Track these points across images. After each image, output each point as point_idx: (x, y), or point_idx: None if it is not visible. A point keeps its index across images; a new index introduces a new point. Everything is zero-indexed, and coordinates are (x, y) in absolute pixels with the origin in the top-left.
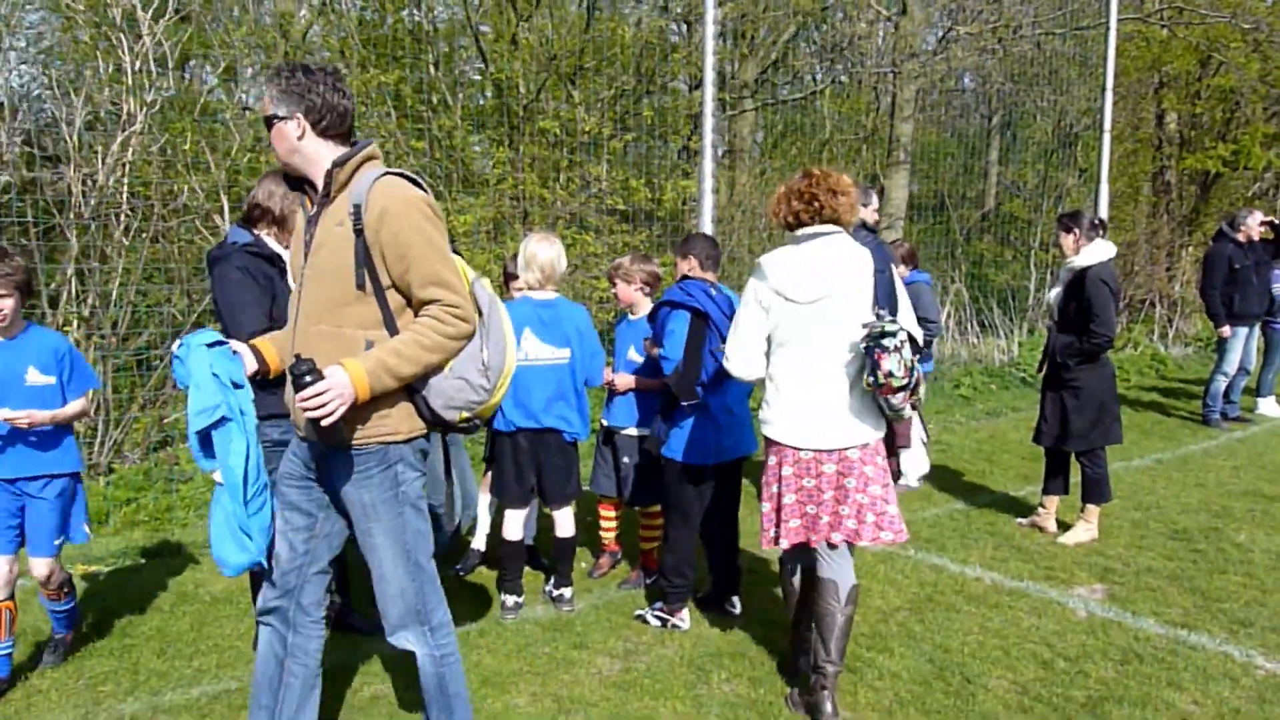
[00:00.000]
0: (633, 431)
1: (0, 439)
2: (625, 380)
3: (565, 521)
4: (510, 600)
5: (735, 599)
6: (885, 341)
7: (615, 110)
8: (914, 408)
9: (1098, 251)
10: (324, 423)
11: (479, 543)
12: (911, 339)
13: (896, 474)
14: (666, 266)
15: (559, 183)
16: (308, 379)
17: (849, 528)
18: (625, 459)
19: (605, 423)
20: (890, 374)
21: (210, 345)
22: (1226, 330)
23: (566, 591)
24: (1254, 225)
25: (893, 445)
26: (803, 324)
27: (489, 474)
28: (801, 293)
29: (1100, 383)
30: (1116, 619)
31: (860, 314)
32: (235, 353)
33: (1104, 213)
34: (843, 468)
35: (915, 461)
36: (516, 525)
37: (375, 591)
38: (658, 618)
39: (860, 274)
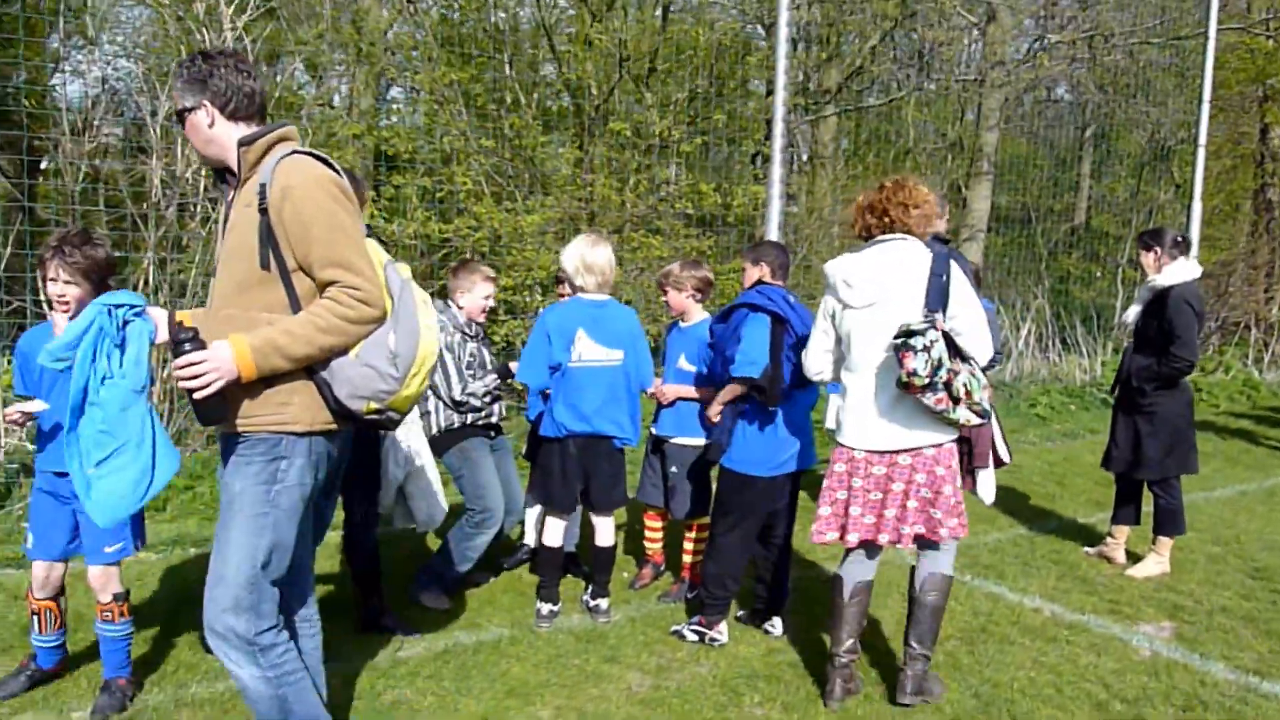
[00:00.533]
0: (681, 440)
1: (48, 430)
2: (675, 390)
3: (606, 530)
4: (545, 608)
5: (777, 620)
6: (913, 341)
7: (689, 113)
8: (981, 416)
9: (1181, 271)
10: (196, 395)
11: (530, 539)
12: (950, 341)
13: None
14: (737, 273)
15: (629, 185)
16: (187, 347)
17: (899, 531)
18: (673, 468)
19: (654, 431)
20: (914, 373)
21: (119, 306)
22: None
23: (603, 602)
24: None
25: (968, 463)
26: (859, 328)
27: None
28: (856, 297)
29: (1176, 408)
30: (1183, 660)
31: (911, 317)
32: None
33: (1196, 230)
34: (892, 472)
35: (986, 483)
36: (558, 532)
37: (206, 589)
38: (695, 632)
39: (915, 278)
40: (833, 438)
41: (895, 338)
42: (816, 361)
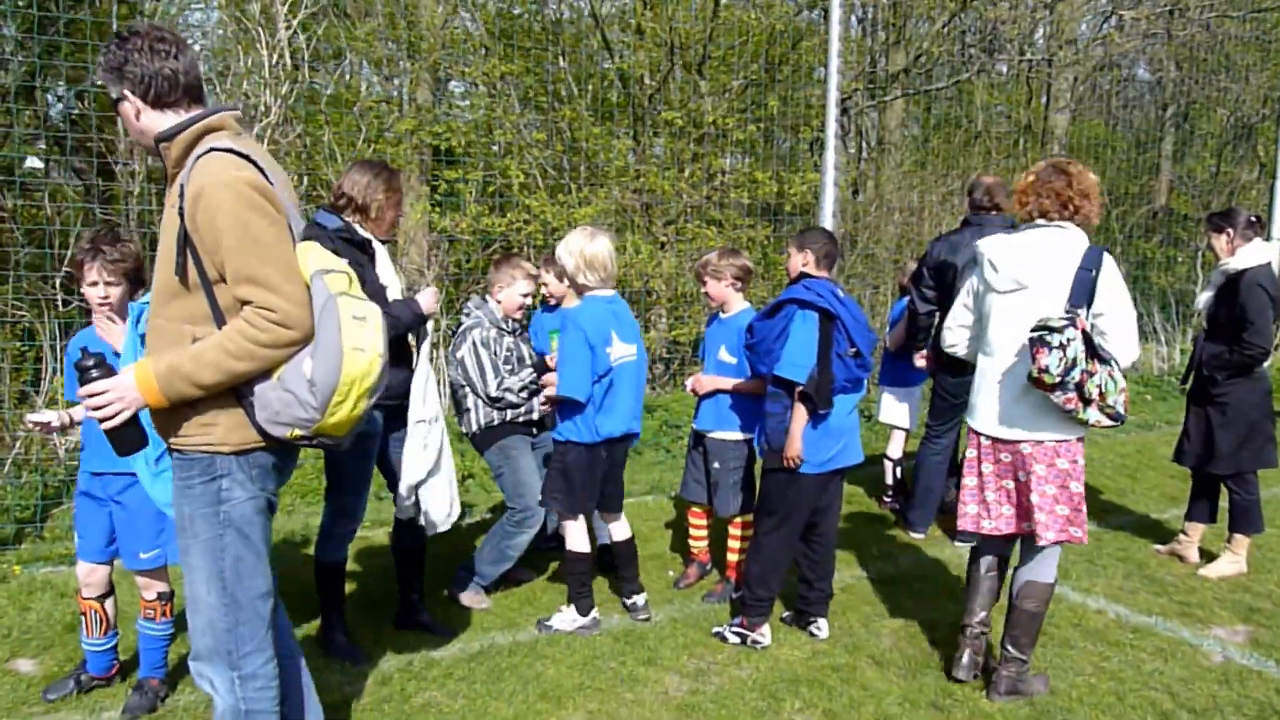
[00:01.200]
0: (722, 435)
1: (89, 431)
2: (711, 381)
3: (623, 524)
4: (588, 618)
5: (822, 622)
6: (1049, 337)
7: (744, 101)
8: (1114, 420)
9: (1255, 253)
10: (103, 426)
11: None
12: (1089, 340)
13: None
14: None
15: (683, 175)
16: (94, 374)
17: (1036, 520)
18: (715, 464)
19: (694, 427)
20: (1045, 370)
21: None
22: None
23: (639, 599)
24: None
25: None
26: (999, 312)
27: None
28: (1000, 281)
29: (1251, 398)
30: (1257, 668)
31: (1053, 309)
32: None
33: (1279, 210)
34: (1017, 460)
35: None
36: (584, 536)
37: (187, 616)
38: (736, 634)
39: (1061, 269)
40: (966, 420)
41: (1032, 331)
42: (952, 335)
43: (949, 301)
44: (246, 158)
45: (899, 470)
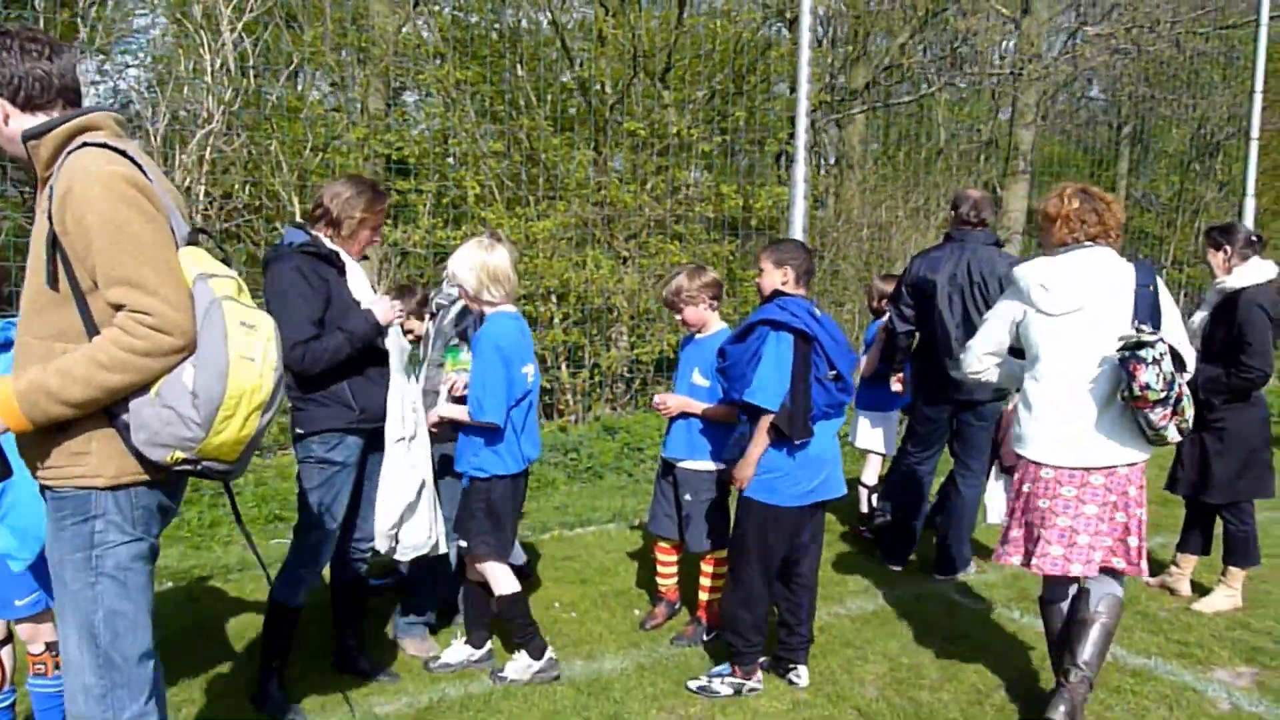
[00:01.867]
0: (693, 465)
1: None
2: (679, 402)
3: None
4: (545, 659)
5: (802, 669)
6: (1143, 353)
7: (709, 112)
8: (1183, 435)
9: (1254, 272)
10: None
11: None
12: (1174, 353)
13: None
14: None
15: (645, 188)
16: None
17: (1092, 558)
18: (687, 496)
19: (663, 455)
20: (1147, 386)
21: None
22: None
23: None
24: None
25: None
26: (1051, 338)
27: None
28: (1053, 304)
29: (1249, 425)
30: (1267, 715)
31: (1116, 329)
32: None
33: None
34: (1083, 494)
35: (997, 496)
36: (510, 575)
37: (63, 679)
38: (730, 685)
39: (1118, 288)
40: (1017, 451)
41: (1122, 349)
42: (979, 362)
43: (928, 320)
44: (122, 153)
45: (875, 497)
